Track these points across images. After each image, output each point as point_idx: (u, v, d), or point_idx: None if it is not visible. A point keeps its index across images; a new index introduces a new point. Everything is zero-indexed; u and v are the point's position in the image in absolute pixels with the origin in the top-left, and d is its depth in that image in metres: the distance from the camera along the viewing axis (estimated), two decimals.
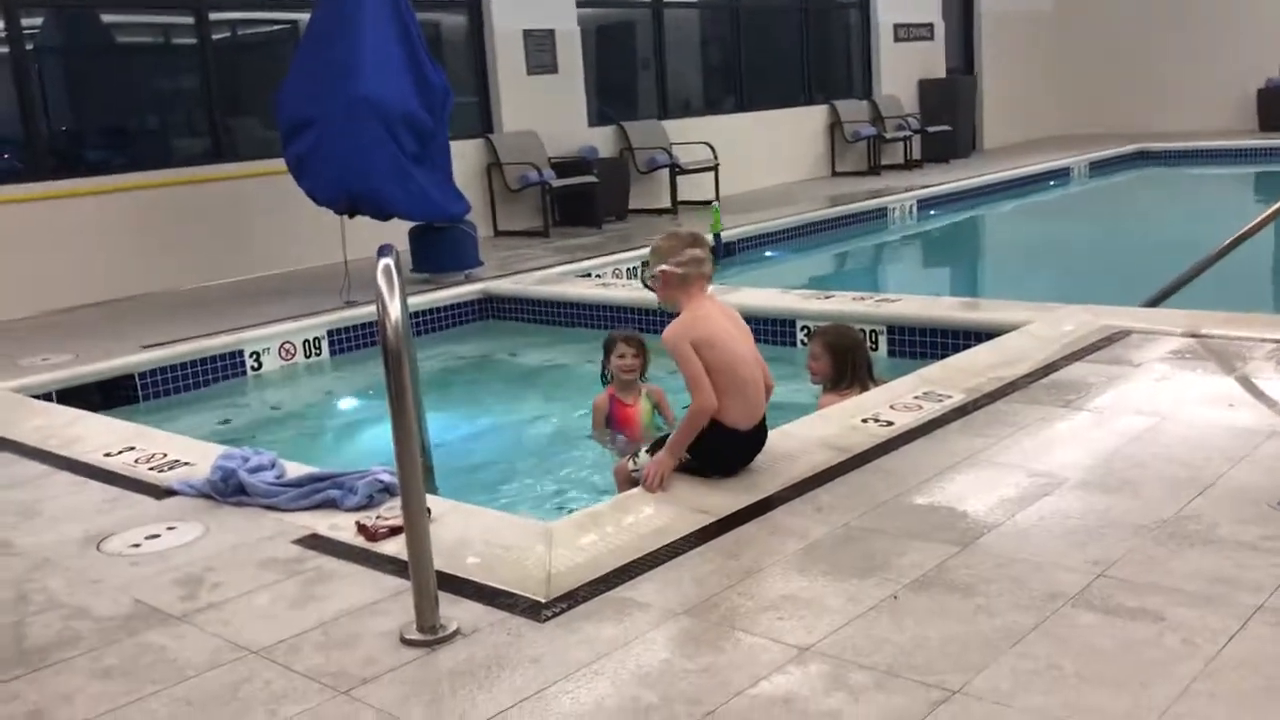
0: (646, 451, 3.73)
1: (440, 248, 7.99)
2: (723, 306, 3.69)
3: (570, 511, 3.82)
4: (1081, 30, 17.38)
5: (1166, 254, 7.62)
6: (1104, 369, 4.58)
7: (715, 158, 11.67)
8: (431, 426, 4.68)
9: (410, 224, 7.99)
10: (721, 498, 3.38)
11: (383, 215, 7.63)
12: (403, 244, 8.16)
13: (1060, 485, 3.34)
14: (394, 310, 2.60)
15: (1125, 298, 5.91)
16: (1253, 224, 5.83)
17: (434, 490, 3.94)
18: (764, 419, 3.60)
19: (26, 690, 2.55)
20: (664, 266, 3.59)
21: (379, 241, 7.98)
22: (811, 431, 3.96)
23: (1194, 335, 4.97)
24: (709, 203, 11.58)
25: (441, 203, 7.72)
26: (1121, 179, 14.39)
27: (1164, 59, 16.65)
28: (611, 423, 4.94)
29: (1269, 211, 5.87)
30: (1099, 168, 14.38)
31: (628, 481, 3.75)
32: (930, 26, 15.54)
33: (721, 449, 3.51)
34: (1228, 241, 5.80)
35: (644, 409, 4.91)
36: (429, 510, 2.78)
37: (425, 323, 7.28)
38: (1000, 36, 16.73)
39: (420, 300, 7.24)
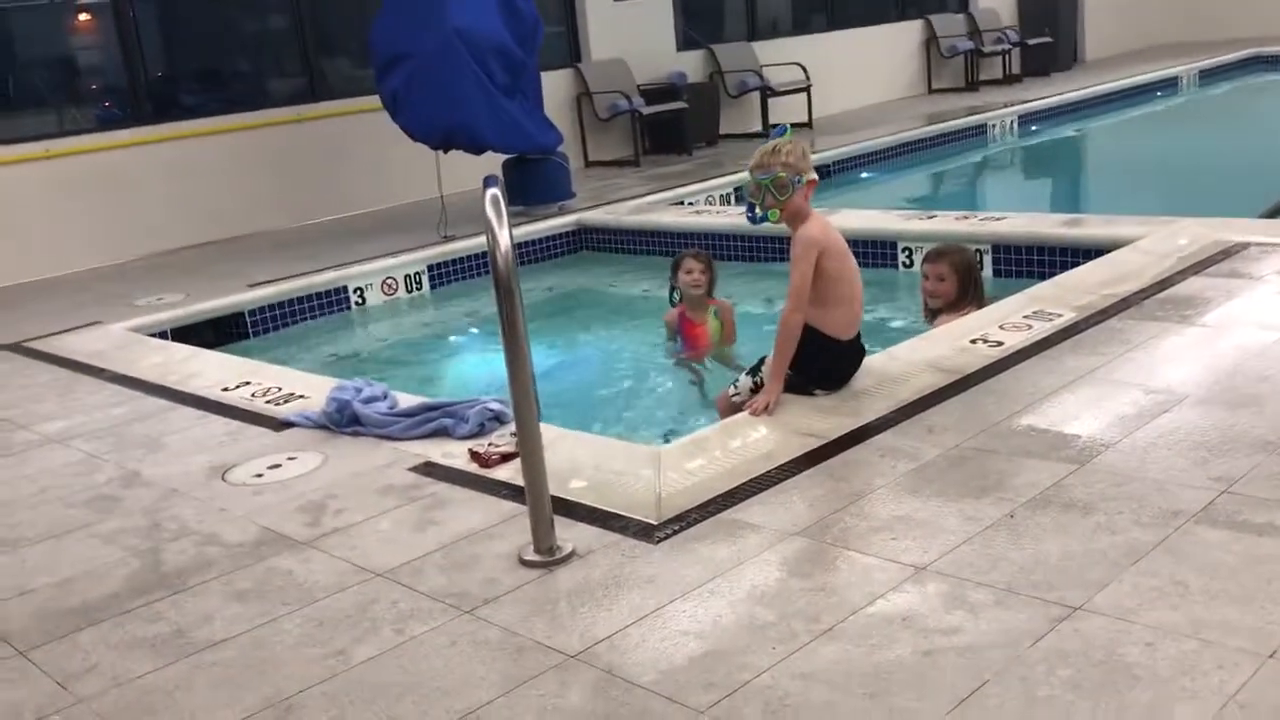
0: (747, 374, 3.73)
1: (534, 179, 8.01)
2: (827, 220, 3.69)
3: (673, 437, 3.85)
4: None
5: None
6: (1222, 283, 4.42)
7: (807, 78, 11.45)
8: (534, 357, 4.72)
9: (504, 156, 8.02)
10: (829, 421, 3.37)
11: (477, 149, 7.66)
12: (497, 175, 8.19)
13: (1180, 402, 3.26)
14: (504, 239, 2.62)
15: (1241, 210, 5.69)
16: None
17: (541, 418, 3.99)
18: (859, 333, 3.64)
19: (168, 611, 2.67)
20: (812, 175, 3.56)
21: (474, 176, 8.00)
22: (918, 354, 3.91)
23: None
24: (803, 125, 11.43)
25: (534, 134, 7.73)
26: (1234, 87, 13.76)
27: None
28: (681, 339, 5.10)
29: None
30: (1209, 76, 13.76)
31: (730, 408, 3.76)
32: None
33: (822, 358, 3.54)
34: None
35: (712, 326, 5.06)
36: None
37: (521, 255, 7.32)
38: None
39: (516, 233, 7.23)
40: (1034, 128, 11.38)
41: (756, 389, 3.62)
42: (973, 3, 14.36)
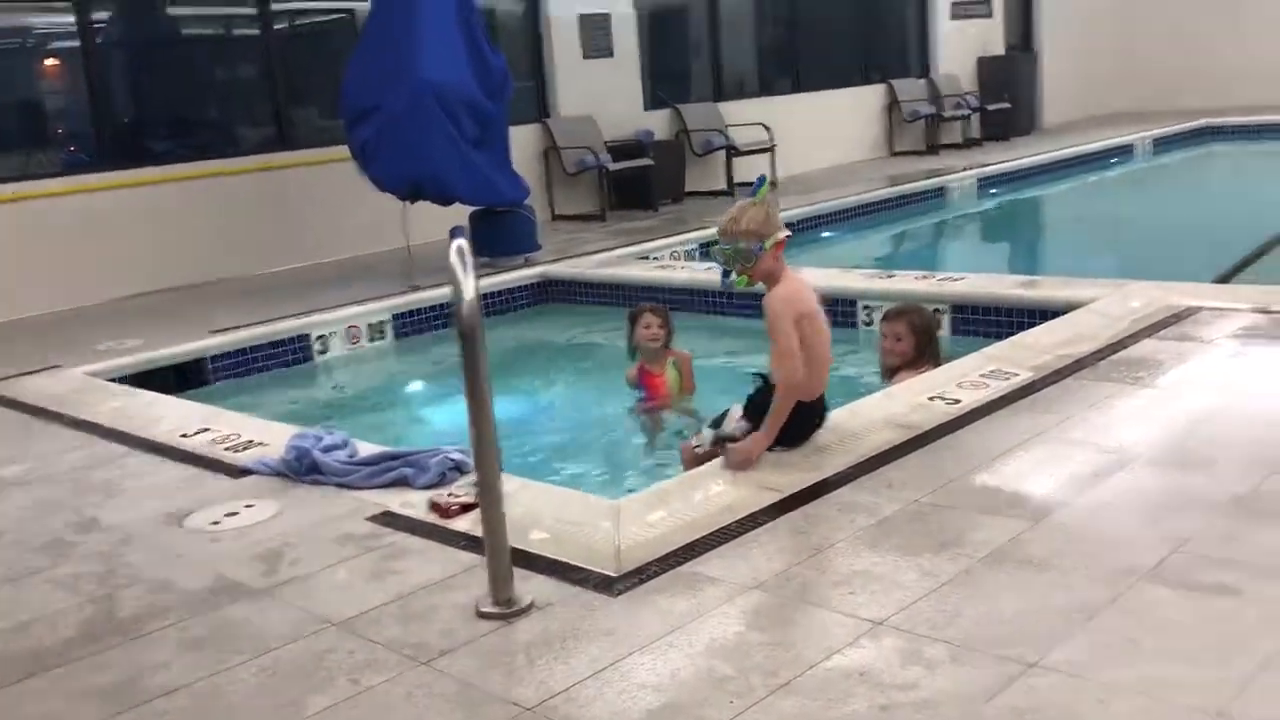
0: (709, 426, 3.75)
1: (500, 232, 8.05)
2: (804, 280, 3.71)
3: (635, 489, 3.85)
4: (1143, 6, 17.03)
5: (1234, 231, 7.49)
6: (1173, 346, 4.51)
7: (771, 139, 11.62)
8: (496, 408, 4.73)
9: (471, 208, 8.06)
10: (790, 475, 3.40)
11: (445, 200, 7.71)
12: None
13: (1132, 462, 3.31)
14: (468, 290, 2.65)
15: (1193, 275, 5.82)
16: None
17: (502, 469, 3.99)
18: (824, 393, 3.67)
19: (121, 659, 2.63)
20: (782, 234, 3.55)
21: (440, 226, 8.06)
22: (878, 410, 3.96)
23: (1265, 312, 4.88)
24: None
25: (501, 187, 7.79)
26: (1186, 155, 14.12)
27: (1230, 33, 16.25)
28: (642, 391, 5.14)
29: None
30: (1163, 144, 14.12)
31: (693, 460, 3.78)
32: (988, 3, 15.33)
33: (790, 418, 3.52)
34: None
35: (670, 377, 5.11)
36: None
37: (486, 306, 7.23)
38: (1060, 13, 16.44)
39: (481, 284, 7.25)
40: (993, 191, 11.60)
41: (718, 442, 3.64)
42: (934, 69, 14.68)
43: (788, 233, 3.63)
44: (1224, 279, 5.70)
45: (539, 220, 8.55)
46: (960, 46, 14.93)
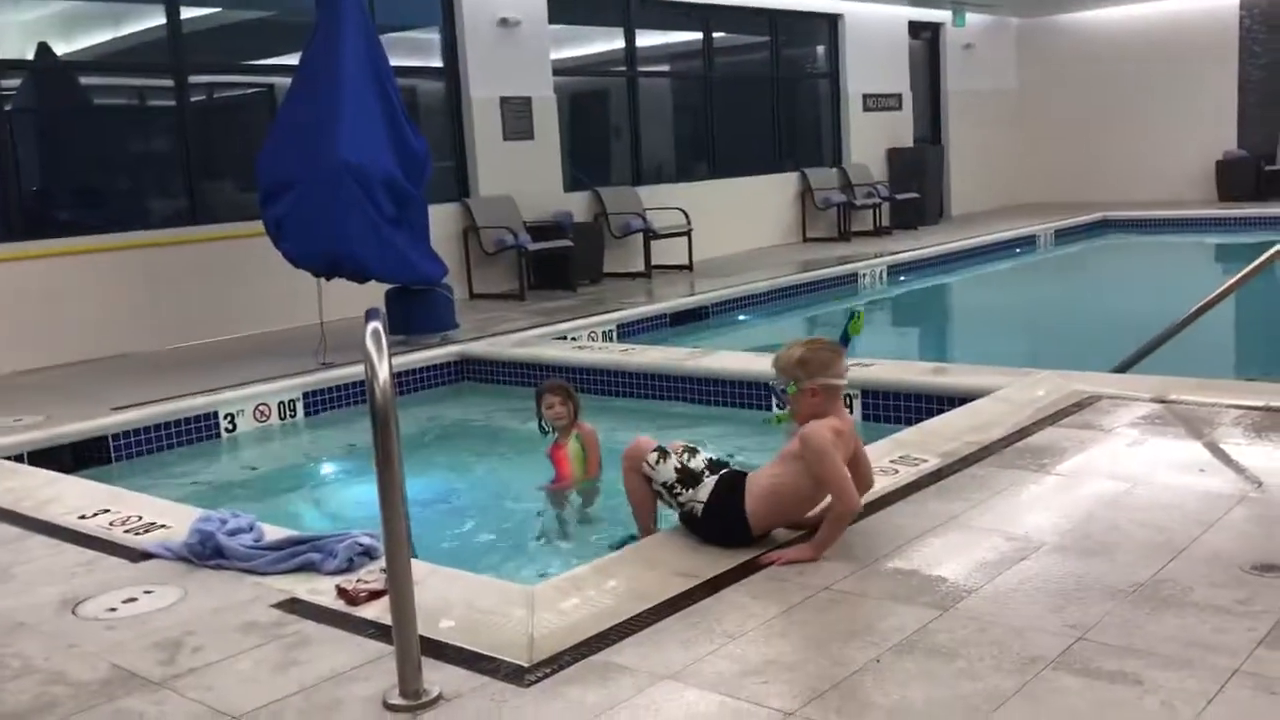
0: (671, 464, 3.61)
1: (417, 310, 8.03)
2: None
3: (549, 574, 3.82)
4: (1044, 104, 17.84)
5: (1132, 320, 7.76)
6: (1076, 434, 4.64)
7: (688, 222, 11.81)
8: (408, 490, 4.67)
9: (388, 286, 8.03)
10: (704, 561, 3.40)
11: (360, 278, 7.68)
12: (379, 306, 8.18)
13: (1037, 549, 3.38)
14: (383, 373, 2.62)
15: (1094, 364, 6.01)
16: (1217, 292, 5.96)
17: (413, 554, 3.93)
18: None
19: None
20: (826, 380, 3.47)
21: (355, 303, 8.00)
22: None
23: (1162, 401, 5.06)
24: (683, 267, 11.74)
25: (418, 265, 7.78)
26: (1086, 247, 14.67)
27: (1126, 131, 17.08)
28: (553, 468, 5.18)
29: (1232, 280, 6.01)
30: (1064, 235, 14.66)
31: (640, 485, 3.72)
32: (899, 97, 15.88)
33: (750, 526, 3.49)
34: (1193, 309, 5.93)
35: (573, 450, 5.15)
36: None
37: (401, 384, 7.27)
38: (966, 109, 17.12)
39: (396, 362, 7.22)
40: (903, 278, 11.90)
41: (681, 473, 3.57)
42: (845, 158, 15.12)
43: (836, 382, 3.50)
44: (1122, 368, 5.89)
45: (457, 299, 8.54)
46: (871, 137, 15.41)
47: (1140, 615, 2.87)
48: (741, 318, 10.02)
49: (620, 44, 12.54)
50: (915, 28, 16.23)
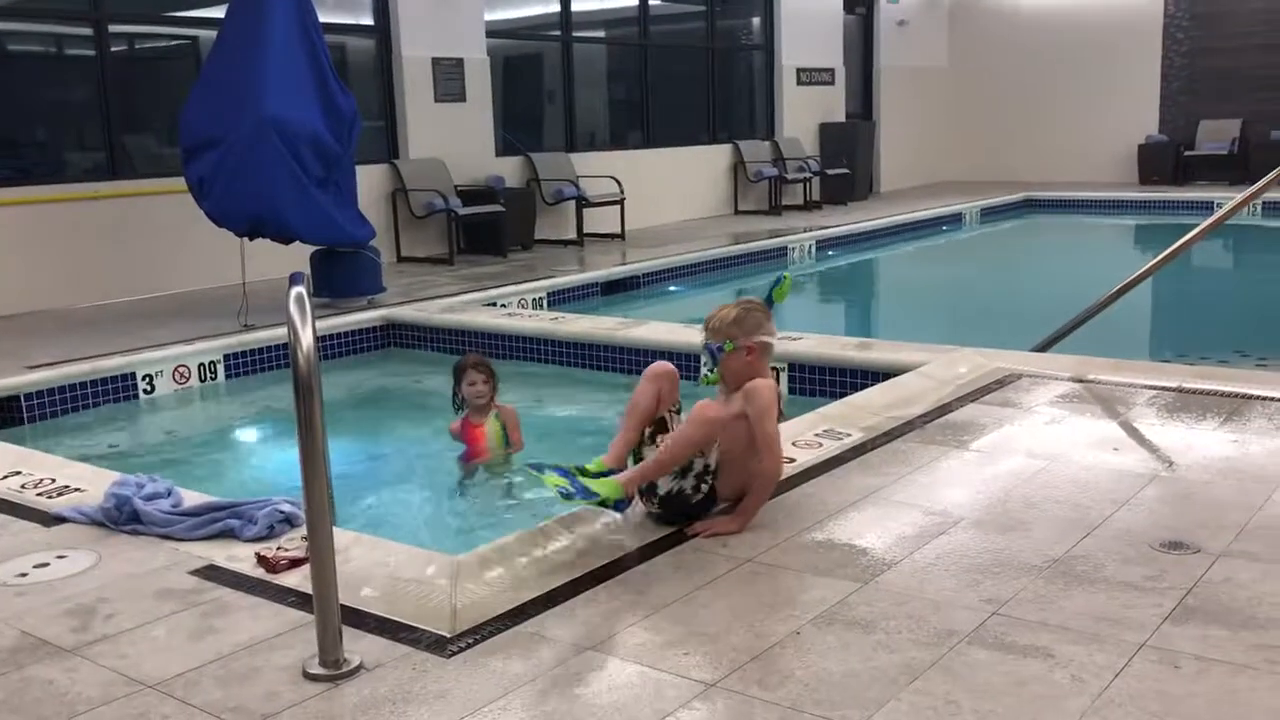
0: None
1: (342, 272, 7.90)
2: None
3: (475, 544, 3.80)
4: (974, 84, 18.06)
5: (1053, 299, 7.92)
6: (995, 411, 4.73)
7: (621, 191, 11.77)
8: (332, 457, 4.61)
9: (312, 247, 7.89)
10: (630, 534, 3.41)
11: (285, 238, 7.54)
12: (304, 268, 8.05)
13: (955, 524, 3.45)
14: (306, 339, 2.58)
15: (1015, 342, 6.13)
16: (1135, 275, 6.10)
17: (335, 522, 3.88)
18: None
19: None
20: (761, 338, 3.50)
21: (279, 264, 7.89)
22: None
23: (1080, 380, 5.17)
24: (615, 236, 11.71)
25: (345, 227, 7.65)
26: (1010, 225, 14.92)
27: (1051, 113, 17.37)
28: (464, 444, 5.09)
29: (1151, 263, 6.16)
30: (989, 214, 14.88)
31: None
32: (831, 72, 15.95)
33: (703, 502, 3.47)
34: (1113, 290, 6.07)
35: (492, 429, 5.08)
36: None
37: (326, 349, 7.17)
38: (897, 85, 17.26)
39: (321, 325, 7.13)
40: (831, 252, 12.01)
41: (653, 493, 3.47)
42: (778, 132, 15.16)
43: (771, 340, 3.52)
44: (1042, 347, 6.01)
45: (384, 262, 8.43)
46: (804, 112, 15.47)
47: (1053, 591, 2.94)
48: (673, 288, 10.03)
49: (556, 7, 12.41)
50: (850, 3, 16.30)
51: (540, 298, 8.55)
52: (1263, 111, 15.78)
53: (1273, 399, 4.71)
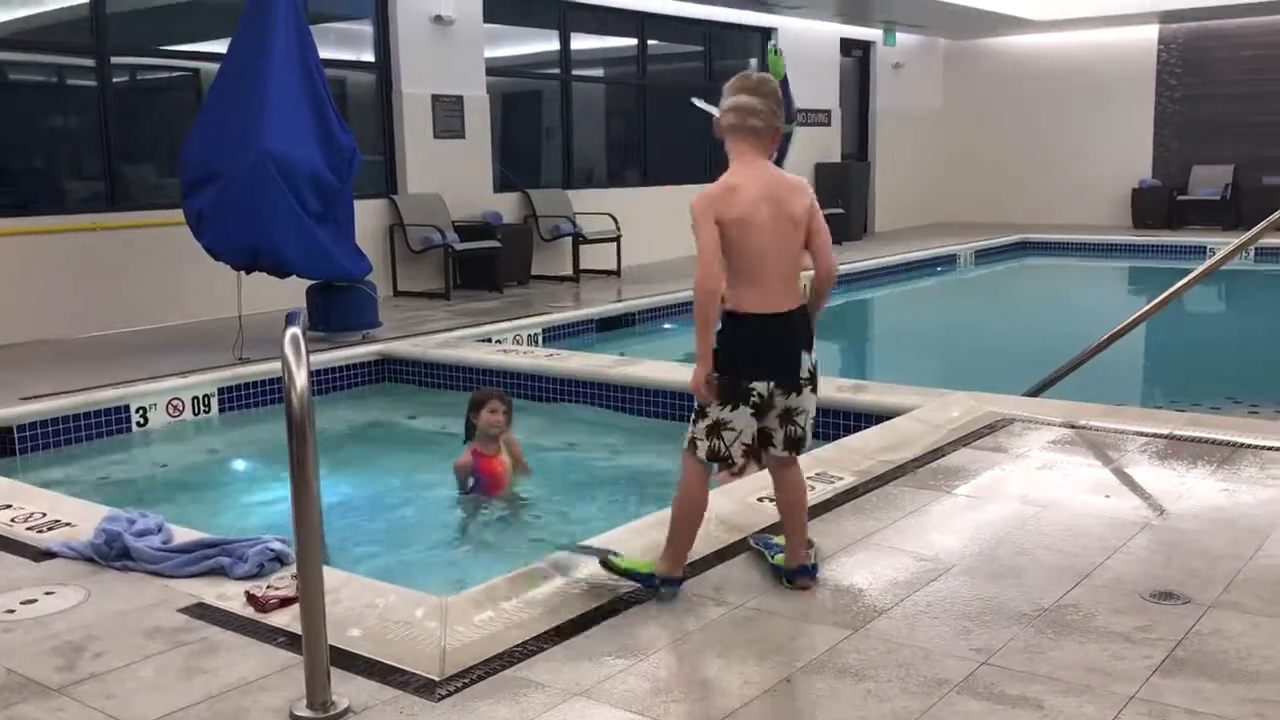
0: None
1: (339, 307, 7.92)
2: (771, 177, 3.20)
3: (466, 585, 3.79)
4: (969, 126, 18.20)
5: (1046, 342, 7.95)
6: (988, 456, 4.74)
7: (618, 229, 11.83)
8: (324, 492, 4.60)
9: (309, 281, 7.91)
10: (620, 577, 3.40)
11: (282, 272, 7.56)
12: (300, 301, 8.07)
13: (947, 571, 3.45)
14: (301, 380, 2.58)
15: (1008, 385, 6.14)
16: (1129, 320, 6.12)
17: (327, 561, 3.88)
18: (792, 310, 3.25)
19: None
20: (716, 112, 3.14)
21: (275, 297, 7.88)
22: (709, 510, 4.00)
23: (1073, 426, 5.18)
24: (611, 273, 11.74)
25: (342, 261, 7.67)
26: (1005, 267, 14.99)
27: (1046, 156, 17.50)
28: (478, 477, 5.14)
29: (1145, 308, 6.19)
30: (984, 256, 14.95)
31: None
32: (828, 113, 16.07)
33: (733, 339, 3.17)
34: (1107, 335, 6.08)
35: (506, 460, 5.16)
36: None
37: (321, 383, 7.17)
38: (893, 127, 17.39)
39: (316, 360, 7.14)
40: None
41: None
42: None
43: (713, 112, 3.20)
44: (1035, 392, 6.03)
45: (380, 296, 8.45)
46: (800, 152, 15.53)
47: (1044, 640, 2.94)
48: (668, 326, 10.04)
49: (556, 46, 12.52)
50: (847, 44, 16.45)
51: (536, 334, 8.57)
52: (1254, 158, 15.91)
53: (1264, 448, 4.73)
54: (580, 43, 12.90)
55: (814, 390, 3.34)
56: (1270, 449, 4.71)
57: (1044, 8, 15.98)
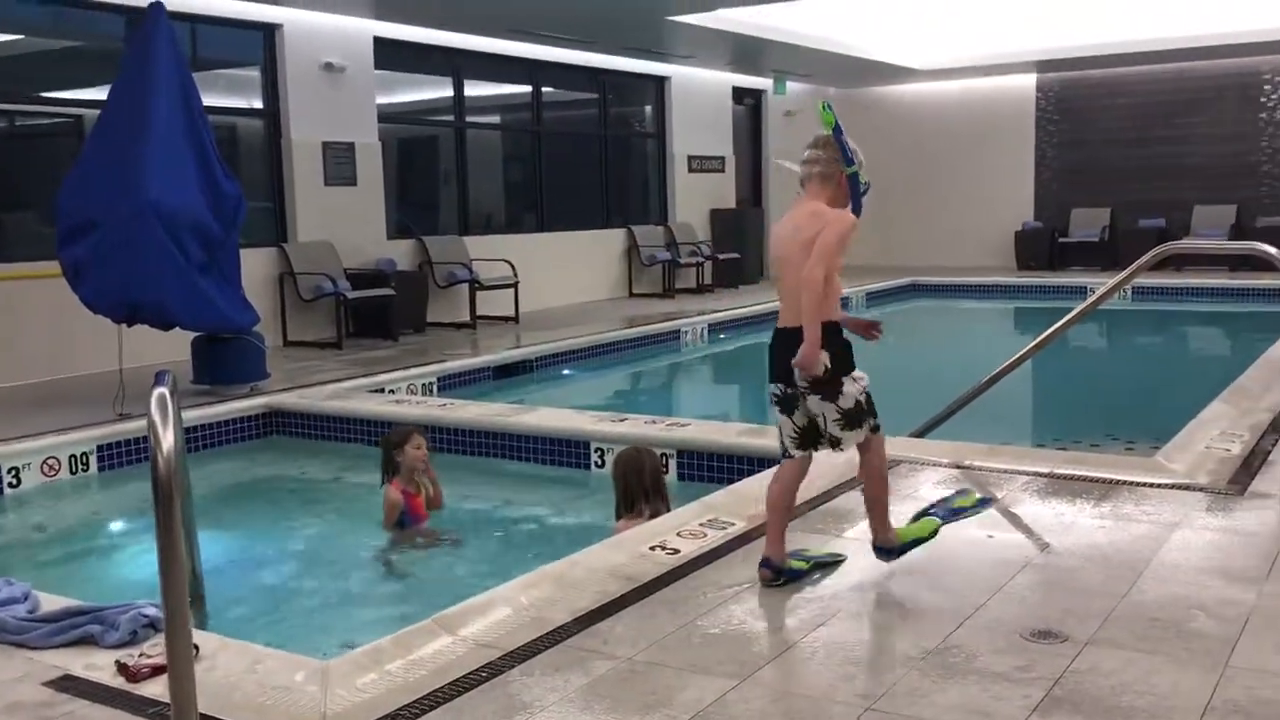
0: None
1: (224, 358, 7.73)
2: (801, 210, 3.84)
3: (356, 643, 3.70)
4: None
5: (934, 383, 8.13)
6: None
7: (515, 275, 11.80)
8: (208, 552, 4.48)
9: (193, 333, 7.72)
10: (508, 631, 3.36)
11: (164, 324, 7.36)
12: (185, 354, 7.87)
13: (834, 615, 3.47)
14: (167, 443, 2.50)
15: (897, 426, 6.24)
16: (1011, 360, 6.29)
17: (204, 624, 3.76)
18: (800, 327, 3.65)
19: None
20: (797, 168, 3.89)
21: (160, 349, 7.69)
22: (600, 560, 3.99)
23: (958, 465, 5.29)
24: (509, 319, 11.70)
25: (227, 312, 7.50)
26: (895, 309, 15.32)
27: (934, 200, 18.02)
28: (406, 513, 5.28)
29: (1026, 348, 6.36)
30: (875, 297, 15.26)
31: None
32: (722, 159, 16.33)
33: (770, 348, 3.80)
34: (990, 375, 6.25)
35: (426, 496, 5.39)
36: (196, 648, 2.65)
37: (206, 438, 6.99)
38: (786, 173, 17.67)
39: (201, 414, 6.96)
40: (723, 335, 12.17)
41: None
42: (671, 217, 15.42)
43: (794, 169, 3.88)
44: (921, 432, 6.14)
45: (270, 347, 8.28)
46: (696, 198, 15.78)
47: (927, 683, 2.97)
48: (566, 372, 10.03)
49: (450, 93, 12.51)
50: (739, 93, 16.77)
51: (430, 383, 8.48)
52: (1130, 201, 16.60)
53: (1139, 484, 4.88)
54: (475, 89, 12.92)
55: (825, 398, 3.74)
56: (1145, 485, 4.87)
57: (928, 58, 16.50)
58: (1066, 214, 17.09)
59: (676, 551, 4.07)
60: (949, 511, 4.26)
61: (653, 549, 4.10)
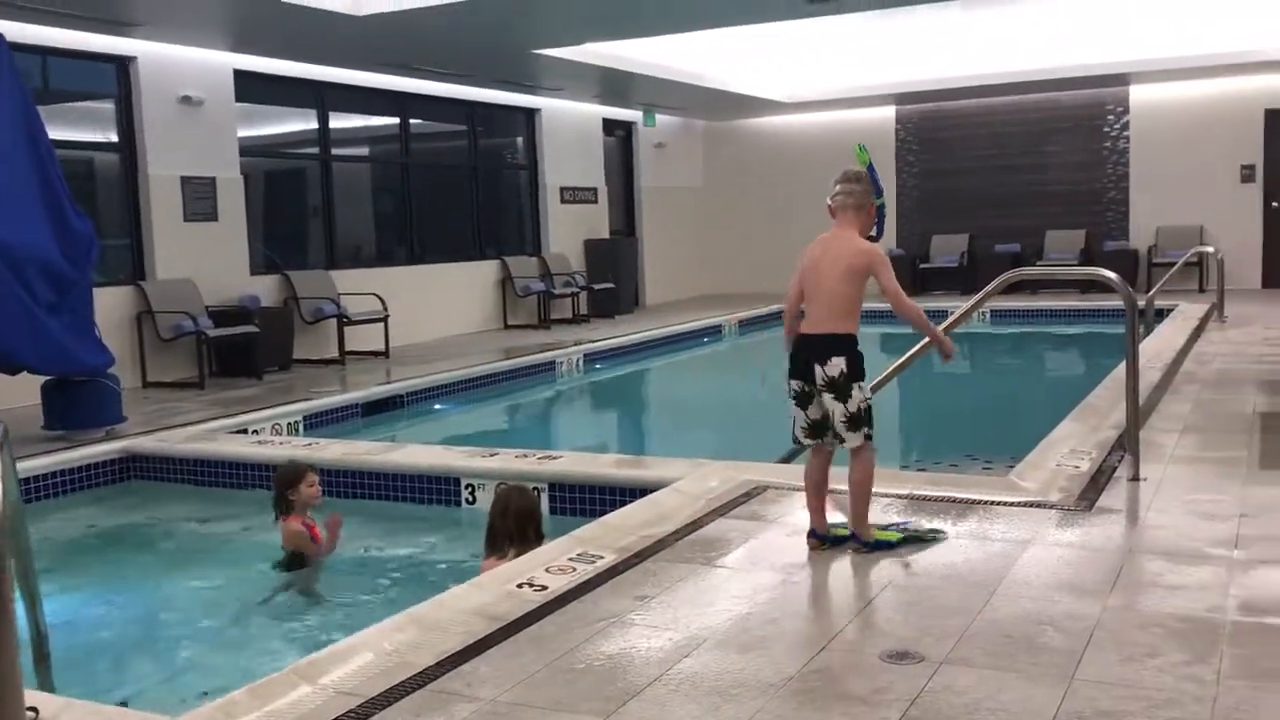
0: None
1: (77, 402, 7.44)
2: (837, 235, 4.60)
3: (207, 696, 3.58)
4: (727, 202, 19.04)
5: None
6: (743, 525, 4.87)
7: (385, 309, 11.65)
8: (57, 607, 4.29)
9: (43, 377, 7.41)
10: (370, 678, 3.29)
11: (11, 369, 7.06)
12: (35, 398, 7.55)
13: (699, 645, 3.50)
14: None
15: (766, 452, 6.35)
16: (873, 382, 6.42)
17: (50, 685, 3.59)
18: (826, 333, 4.49)
19: None
20: (831, 201, 4.58)
21: (9, 394, 7.35)
22: (466, 600, 3.95)
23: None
24: (380, 354, 11.53)
25: (79, 355, 7.25)
26: (767, 335, 15.57)
27: (798, 228, 18.21)
28: (310, 546, 5.33)
29: (887, 370, 6.53)
30: (747, 325, 15.52)
31: None
32: (594, 190, 16.44)
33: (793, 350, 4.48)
34: None
35: (322, 530, 5.41)
36: (34, 711, 2.53)
37: (58, 485, 6.70)
38: (658, 204, 17.96)
39: (52, 461, 6.68)
40: (599, 365, 12.21)
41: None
42: (544, 248, 15.44)
43: (829, 202, 4.64)
44: (788, 458, 6.24)
45: (128, 389, 8.00)
46: (569, 229, 15.84)
47: (788, 710, 3.02)
48: (438, 407, 9.93)
49: (314, 125, 12.32)
50: (610, 125, 16.93)
51: (296, 421, 8.28)
52: (987, 227, 17.25)
53: (993, 503, 5.06)
54: (341, 121, 12.76)
55: (838, 398, 4.37)
56: (999, 503, 5.04)
57: (791, 90, 16.92)
58: (927, 241, 17.66)
59: (544, 588, 4.05)
60: (911, 535, 4.51)
61: (520, 586, 4.08)
